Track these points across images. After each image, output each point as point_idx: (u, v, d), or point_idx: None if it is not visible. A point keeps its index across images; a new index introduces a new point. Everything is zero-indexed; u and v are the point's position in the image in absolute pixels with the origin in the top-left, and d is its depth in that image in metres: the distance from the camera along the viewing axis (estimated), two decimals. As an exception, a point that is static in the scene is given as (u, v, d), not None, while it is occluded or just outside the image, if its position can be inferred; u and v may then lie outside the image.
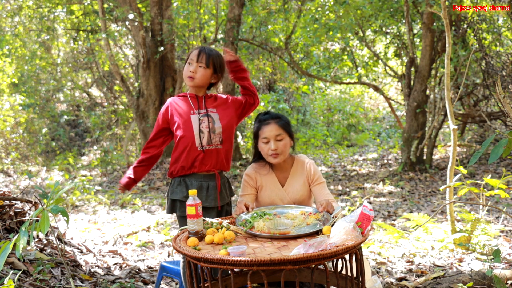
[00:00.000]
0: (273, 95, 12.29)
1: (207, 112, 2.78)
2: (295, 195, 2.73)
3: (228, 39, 8.48)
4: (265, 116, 2.74)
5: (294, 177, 2.75)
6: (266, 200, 2.74)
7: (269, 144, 2.66)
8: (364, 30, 9.01)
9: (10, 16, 10.74)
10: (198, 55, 2.77)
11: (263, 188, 2.75)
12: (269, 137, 2.66)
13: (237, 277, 2.21)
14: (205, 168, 2.75)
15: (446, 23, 3.89)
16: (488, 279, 3.05)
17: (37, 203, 3.70)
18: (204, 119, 2.76)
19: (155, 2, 8.75)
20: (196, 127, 2.74)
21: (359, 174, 8.51)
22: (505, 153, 2.17)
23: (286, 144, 2.69)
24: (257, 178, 2.76)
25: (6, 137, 11.01)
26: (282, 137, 2.67)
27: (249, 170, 2.80)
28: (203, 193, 2.73)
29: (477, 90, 8.42)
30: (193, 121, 2.74)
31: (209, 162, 2.75)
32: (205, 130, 2.74)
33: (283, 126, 2.69)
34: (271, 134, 2.66)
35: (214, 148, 2.76)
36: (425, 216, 4.38)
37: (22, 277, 2.99)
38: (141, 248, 4.52)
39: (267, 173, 2.76)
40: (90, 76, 12.47)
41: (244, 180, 2.78)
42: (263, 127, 2.69)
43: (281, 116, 2.74)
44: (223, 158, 2.80)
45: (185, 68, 2.79)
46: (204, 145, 2.74)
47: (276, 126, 2.68)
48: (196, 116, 2.76)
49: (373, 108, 15.20)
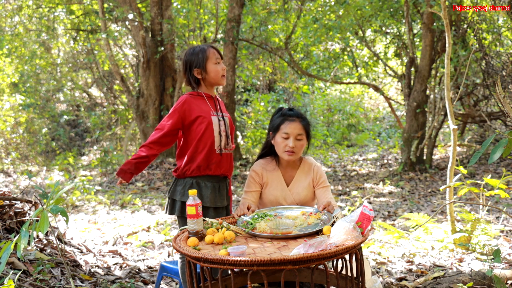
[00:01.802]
0: (273, 95, 12.29)
1: (223, 115, 2.77)
2: (299, 196, 2.73)
3: (228, 39, 8.48)
4: (291, 112, 2.72)
5: (300, 178, 2.75)
6: (269, 198, 2.74)
7: (288, 141, 2.66)
8: (364, 30, 9.01)
9: (10, 16, 10.74)
10: (219, 53, 2.75)
11: (268, 185, 2.75)
12: (291, 134, 2.65)
13: (237, 277, 2.21)
14: (220, 171, 2.73)
15: (446, 23, 3.89)
16: (488, 279, 3.05)
17: (37, 203, 3.70)
18: (222, 122, 2.74)
19: (155, 2, 8.74)
20: (217, 129, 2.70)
21: (359, 174, 8.51)
22: (505, 153, 2.17)
23: (303, 144, 2.71)
24: (263, 174, 2.75)
25: (6, 137, 11.01)
26: (302, 137, 2.68)
27: (255, 166, 2.80)
28: (216, 193, 2.71)
29: (477, 90, 8.42)
30: (214, 123, 2.69)
31: (224, 165, 2.74)
32: (223, 133, 2.72)
33: (305, 127, 2.70)
34: (294, 131, 2.66)
35: (229, 152, 2.77)
36: (425, 216, 4.38)
37: (22, 277, 2.99)
38: (141, 248, 4.52)
39: (273, 170, 2.76)
40: (90, 76, 12.47)
41: (250, 175, 2.78)
42: (287, 122, 2.68)
43: (304, 117, 2.74)
44: (232, 162, 2.82)
45: (215, 68, 2.71)
46: (222, 148, 2.72)
47: (300, 125, 2.68)
48: (216, 117, 2.72)
49: (373, 108, 15.20)
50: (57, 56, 12.01)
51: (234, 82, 9.12)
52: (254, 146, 10.44)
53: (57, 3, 10.06)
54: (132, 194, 7.43)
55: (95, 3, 9.73)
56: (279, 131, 2.68)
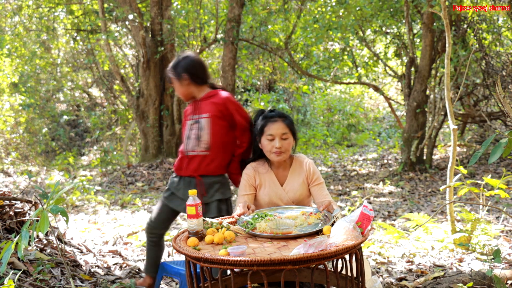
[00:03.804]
0: (273, 95, 12.30)
1: (198, 119, 2.95)
2: (294, 194, 2.73)
3: (228, 39, 8.48)
4: (272, 113, 2.75)
5: (293, 176, 2.76)
6: (264, 199, 2.74)
7: (274, 142, 2.67)
8: (364, 30, 9.01)
9: (10, 16, 10.74)
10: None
11: (262, 187, 2.75)
12: (275, 135, 2.67)
13: (237, 277, 2.21)
14: (188, 172, 2.97)
15: (446, 23, 3.89)
16: (488, 279, 3.05)
17: (37, 203, 3.70)
18: (194, 125, 2.95)
19: (155, 2, 8.75)
20: (187, 133, 2.98)
21: (359, 174, 8.51)
22: (505, 153, 2.17)
23: (290, 143, 2.72)
24: (256, 176, 2.76)
25: (6, 137, 11.01)
26: (287, 136, 2.69)
27: (247, 169, 2.80)
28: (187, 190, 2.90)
29: (477, 90, 8.42)
30: (186, 127, 2.99)
31: (191, 167, 2.95)
32: (192, 136, 2.95)
33: (289, 125, 2.72)
34: (278, 132, 2.67)
35: (199, 154, 2.94)
36: (425, 216, 4.38)
37: (22, 277, 2.99)
38: (141, 248, 4.52)
39: (266, 172, 2.76)
40: (90, 76, 12.47)
41: (243, 179, 2.78)
42: (269, 124, 2.70)
43: (287, 116, 2.76)
44: (205, 163, 2.93)
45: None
46: (188, 150, 2.95)
47: (282, 124, 2.70)
48: (190, 121, 2.98)
49: (373, 108, 15.20)
50: (57, 56, 12.00)
51: (234, 82, 9.12)
52: (254, 146, 10.42)
53: (57, 3, 10.06)
54: (132, 194, 7.43)
55: (95, 3, 9.73)
56: (264, 133, 2.71)
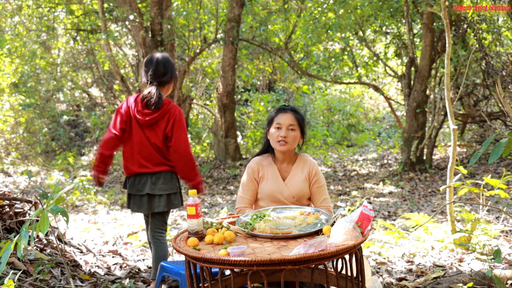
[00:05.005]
0: (273, 95, 12.29)
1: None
2: (295, 190, 2.76)
3: (228, 39, 8.48)
4: (285, 106, 2.83)
5: (295, 172, 2.80)
6: (266, 191, 2.77)
7: (281, 131, 2.72)
8: (364, 30, 9.00)
9: (10, 16, 10.74)
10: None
11: (264, 179, 2.79)
12: (283, 124, 2.73)
13: (237, 277, 2.21)
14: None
15: (446, 23, 3.89)
16: (488, 279, 3.05)
17: (37, 203, 3.70)
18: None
19: (155, 2, 8.74)
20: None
21: (359, 174, 8.50)
22: (505, 153, 2.17)
23: (296, 136, 2.76)
24: (259, 169, 2.80)
25: (6, 137, 11.01)
26: (294, 127, 2.74)
27: (251, 163, 2.85)
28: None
29: (477, 90, 8.42)
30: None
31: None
32: None
33: (298, 119, 2.77)
34: (286, 122, 2.73)
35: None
36: (425, 216, 4.38)
37: (22, 277, 2.99)
38: (141, 248, 4.52)
39: (269, 164, 2.81)
40: (90, 76, 12.46)
41: (247, 172, 2.82)
42: (279, 115, 2.77)
43: (299, 111, 2.82)
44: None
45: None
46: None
47: (292, 116, 2.75)
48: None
49: (373, 108, 15.19)
50: (57, 56, 12.00)
51: (234, 82, 9.12)
52: (254, 146, 10.44)
53: (57, 3, 10.05)
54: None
55: (95, 3, 9.73)
56: (273, 123, 2.78)
